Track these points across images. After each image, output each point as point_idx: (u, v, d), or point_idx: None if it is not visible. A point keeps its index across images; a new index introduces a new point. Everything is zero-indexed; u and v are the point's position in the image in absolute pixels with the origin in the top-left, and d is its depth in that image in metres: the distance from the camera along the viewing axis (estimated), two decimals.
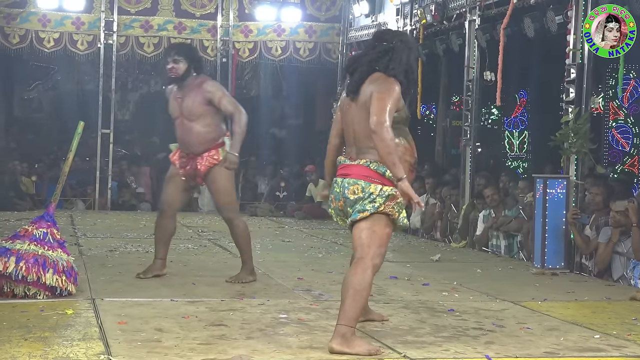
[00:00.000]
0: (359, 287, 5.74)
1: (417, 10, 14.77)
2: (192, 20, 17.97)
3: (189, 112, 8.25)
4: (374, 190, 5.83)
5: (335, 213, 6.16)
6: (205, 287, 8.23)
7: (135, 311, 6.79)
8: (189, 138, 8.28)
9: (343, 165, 6.05)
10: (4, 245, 7.38)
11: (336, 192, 6.04)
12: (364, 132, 5.86)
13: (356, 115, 5.97)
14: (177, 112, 8.34)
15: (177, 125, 8.37)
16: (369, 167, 5.88)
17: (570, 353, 5.92)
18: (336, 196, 6.04)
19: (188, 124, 8.25)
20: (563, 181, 10.21)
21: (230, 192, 8.52)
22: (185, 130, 8.28)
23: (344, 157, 6.11)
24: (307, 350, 5.74)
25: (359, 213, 5.86)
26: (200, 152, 8.27)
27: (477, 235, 12.46)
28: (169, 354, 5.50)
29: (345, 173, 5.99)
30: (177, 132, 8.40)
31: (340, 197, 5.99)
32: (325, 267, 9.89)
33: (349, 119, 6.06)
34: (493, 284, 8.95)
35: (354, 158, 5.98)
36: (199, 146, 8.27)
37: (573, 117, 10.28)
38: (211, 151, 8.30)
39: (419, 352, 5.75)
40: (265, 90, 20.25)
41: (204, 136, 8.29)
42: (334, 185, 6.08)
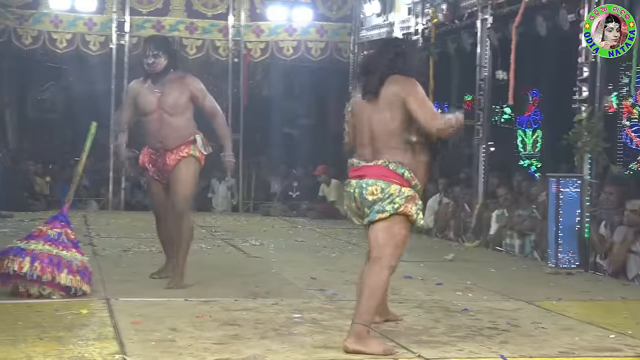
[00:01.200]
0: (375, 286, 5.76)
1: (428, 9, 14.75)
2: (203, 20, 18.00)
3: (170, 106, 8.09)
4: (393, 191, 5.83)
5: (349, 211, 6.17)
6: (219, 287, 8.22)
7: (150, 311, 6.79)
8: (165, 132, 8.10)
9: (357, 167, 6.02)
10: (18, 246, 7.41)
11: (349, 192, 6.04)
12: (385, 131, 5.90)
13: (375, 115, 5.96)
14: (153, 106, 8.12)
15: (152, 120, 8.15)
16: (388, 167, 5.87)
17: (586, 353, 5.89)
18: (349, 197, 6.05)
19: (167, 119, 8.09)
20: (577, 180, 10.18)
21: (190, 185, 8.25)
22: (164, 125, 8.09)
23: (357, 159, 6.07)
24: (321, 350, 5.74)
25: (377, 214, 5.84)
26: (172, 148, 8.10)
27: (490, 235, 12.44)
28: (183, 353, 5.50)
29: (361, 174, 5.96)
30: (151, 126, 8.17)
31: (353, 198, 5.99)
32: (339, 267, 9.89)
33: (365, 120, 6.04)
34: (507, 284, 8.93)
35: (370, 159, 5.95)
36: (173, 141, 8.11)
37: (586, 115, 10.26)
38: (181, 147, 8.12)
39: (433, 352, 5.73)
40: (276, 90, 20.22)
41: (181, 131, 8.14)
42: (347, 186, 6.09)
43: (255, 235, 13.35)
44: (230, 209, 18.36)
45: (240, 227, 14.81)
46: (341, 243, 12.67)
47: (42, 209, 16.19)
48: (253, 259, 10.67)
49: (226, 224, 15.15)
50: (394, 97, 5.91)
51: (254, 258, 10.71)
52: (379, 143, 5.94)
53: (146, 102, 8.16)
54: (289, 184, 18.68)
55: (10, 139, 19.09)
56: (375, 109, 5.97)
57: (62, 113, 20.75)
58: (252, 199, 18.77)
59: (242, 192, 18.65)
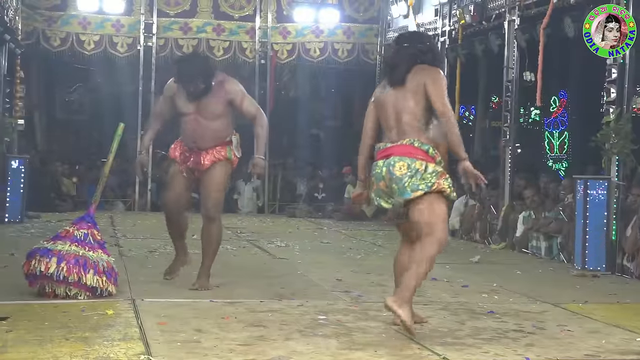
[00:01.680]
0: (427, 257, 6.14)
1: (455, 10, 14.72)
2: (230, 22, 18.05)
3: (208, 111, 7.96)
4: (419, 166, 6.17)
5: (376, 195, 6.41)
6: (245, 288, 8.23)
7: (175, 312, 6.81)
8: (201, 135, 7.97)
9: (384, 149, 6.38)
10: (45, 246, 7.45)
11: (377, 173, 6.35)
12: (410, 113, 6.34)
13: (401, 100, 6.38)
14: (190, 108, 7.98)
15: (188, 121, 8.03)
16: (413, 144, 6.24)
17: (612, 356, 5.85)
18: (377, 177, 6.34)
19: (204, 122, 7.97)
20: (604, 182, 10.13)
21: (222, 189, 8.19)
22: (200, 128, 7.97)
23: (383, 142, 6.44)
24: (346, 352, 5.73)
25: (412, 192, 6.15)
26: (206, 148, 8.01)
27: (516, 237, 12.40)
28: (208, 354, 5.51)
29: (387, 154, 6.31)
30: (186, 127, 8.05)
31: (382, 177, 6.29)
32: (364, 269, 9.88)
33: (390, 106, 6.44)
34: (533, 286, 8.89)
35: (395, 140, 6.33)
36: (208, 142, 8.01)
37: (614, 117, 10.20)
38: (217, 147, 8.03)
39: (459, 354, 5.72)
40: (303, 92, 20.26)
41: (218, 134, 8.02)
42: (374, 168, 6.40)
43: (281, 236, 13.37)
44: (255, 210, 18.41)
45: (266, 229, 14.83)
46: (367, 245, 12.66)
47: (69, 210, 16.30)
48: (278, 260, 10.68)
49: (252, 226, 15.18)
50: (419, 82, 6.35)
51: (279, 259, 10.73)
52: (405, 125, 6.34)
53: (183, 104, 8.03)
54: (314, 186, 18.70)
55: (38, 140, 19.21)
56: (401, 95, 6.39)
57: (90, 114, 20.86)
58: (278, 201, 18.80)
59: (267, 193, 18.69)
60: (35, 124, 19.08)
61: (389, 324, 6.67)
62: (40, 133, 19.38)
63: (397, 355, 5.68)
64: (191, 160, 8.04)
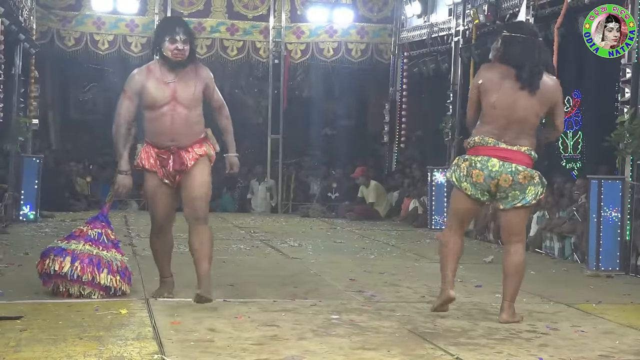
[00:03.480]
0: (523, 265, 6.86)
1: (469, 10, 14.72)
2: (244, 22, 18.08)
3: (187, 99, 7.08)
4: (534, 175, 6.75)
5: (473, 187, 6.77)
6: (258, 288, 8.26)
7: (189, 311, 6.82)
8: (179, 129, 7.08)
9: (498, 147, 6.67)
10: (59, 246, 7.48)
11: (487, 168, 6.67)
12: (531, 120, 6.70)
13: (528, 104, 6.65)
14: (167, 97, 7.05)
15: (164, 113, 7.07)
16: (530, 155, 6.74)
17: (626, 357, 5.84)
18: (487, 174, 6.68)
19: (182, 113, 7.07)
20: (618, 182, 10.10)
21: (210, 186, 7.30)
22: (179, 119, 7.06)
23: (493, 138, 6.67)
24: (359, 352, 5.73)
25: (532, 200, 6.87)
26: (186, 146, 7.14)
27: (530, 237, 12.37)
28: (221, 354, 5.52)
29: (504, 156, 6.65)
30: (161, 122, 7.09)
31: (495, 177, 6.66)
32: (377, 269, 9.88)
33: (511, 104, 6.65)
34: (546, 286, 8.88)
35: (511, 143, 6.66)
36: (188, 138, 7.14)
37: (629, 117, 10.18)
38: (195, 144, 7.18)
39: (472, 355, 5.72)
40: (317, 92, 20.28)
41: (195, 127, 7.19)
42: (483, 161, 6.69)
43: (294, 236, 13.39)
44: (269, 210, 18.43)
45: (279, 228, 14.85)
46: (380, 244, 12.66)
47: (83, 209, 16.36)
48: (292, 260, 10.70)
49: (265, 225, 15.20)
50: (549, 96, 6.73)
51: (292, 259, 10.75)
52: (522, 129, 6.69)
53: (157, 93, 7.07)
54: (328, 185, 18.70)
55: (52, 140, 19.29)
56: (527, 98, 6.65)
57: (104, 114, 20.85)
58: (291, 200, 18.81)
59: (281, 193, 18.71)
60: (49, 124, 19.15)
61: (403, 323, 6.68)
62: (54, 133, 19.46)
63: (410, 355, 5.68)
64: (171, 164, 7.16)
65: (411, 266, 10.25)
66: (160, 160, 7.15)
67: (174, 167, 7.13)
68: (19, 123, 14.27)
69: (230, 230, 14.14)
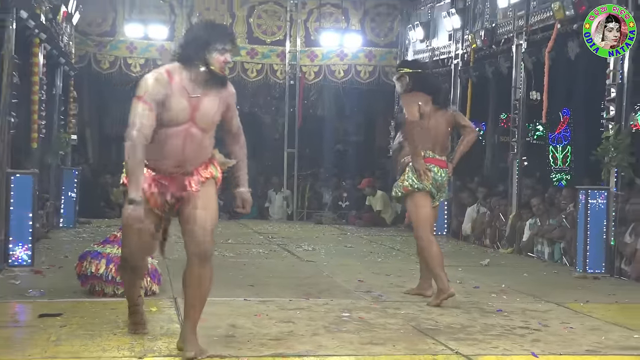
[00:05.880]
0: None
1: (468, 35, 14.70)
2: (263, 46, 18.10)
3: (206, 120, 5.35)
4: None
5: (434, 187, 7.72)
6: (275, 288, 8.26)
7: (213, 309, 6.80)
8: (190, 154, 5.36)
9: (433, 158, 7.69)
10: (95, 250, 7.52)
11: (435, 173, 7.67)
12: (445, 136, 7.84)
13: (442, 123, 7.77)
14: (186, 116, 5.27)
15: (176, 134, 5.29)
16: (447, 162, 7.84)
17: (611, 351, 5.83)
18: (435, 178, 7.67)
19: (198, 135, 5.34)
20: (604, 192, 10.07)
21: (216, 215, 5.53)
22: (191, 143, 5.33)
23: (430, 151, 7.69)
24: (368, 347, 5.74)
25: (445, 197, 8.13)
26: (190, 171, 5.43)
27: (523, 242, 12.35)
28: (242, 348, 5.53)
29: (438, 164, 7.70)
30: (173, 143, 5.30)
31: (439, 180, 7.70)
32: (384, 271, 9.87)
33: (438, 125, 7.73)
34: (538, 287, 8.86)
35: (439, 154, 7.74)
36: (194, 164, 5.43)
37: (613, 133, 10.14)
38: (200, 167, 5.48)
39: (470, 349, 5.72)
40: (329, 110, 20.25)
41: (204, 152, 5.50)
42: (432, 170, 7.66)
43: (308, 241, 13.38)
44: (285, 217, 18.42)
45: (294, 234, 14.85)
46: (386, 249, 12.64)
47: (117, 217, 16.34)
48: (306, 262, 10.70)
49: (282, 231, 15.20)
50: (451, 114, 7.95)
51: (307, 262, 10.74)
52: (443, 144, 7.78)
53: (178, 109, 5.27)
54: (339, 195, 18.68)
55: (90, 154, 19.32)
56: (442, 118, 7.77)
57: None
58: (306, 208, 18.79)
59: (296, 202, 18.70)
60: (86, 139, 19.19)
61: (407, 321, 6.67)
62: (91, 147, 19.48)
63: (414, 349, 5.68)
64: (170, 191, 5.44)
65: (414, 269, 10.17)
66: (158, 186, 5.43)
67: (172, 194, 5.44)
68: (59, 138, 14.33)
69: (250, 235, 14.14)
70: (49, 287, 7.84)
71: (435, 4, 16.53)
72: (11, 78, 9.56)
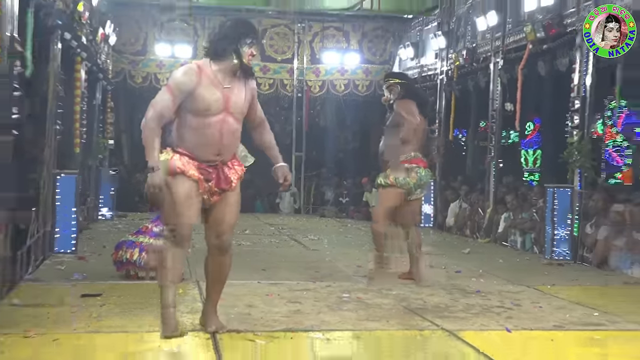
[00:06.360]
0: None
1: (451, 54, 14.72)
2: (274, 63, 18.11)
3: (238, 109, 5.08)
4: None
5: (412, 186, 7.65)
6: (285, 272, 8.27)
7: (231, 290, 6.79)
8: (228, 141, 5.06)
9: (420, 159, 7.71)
10: (130, 239, 7.54)
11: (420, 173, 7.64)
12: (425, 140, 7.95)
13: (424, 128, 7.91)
14: (220, 106, 4.99)
15: (215, 123, 4.98)
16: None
17: (575, 327, 5.84)
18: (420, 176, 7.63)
19: (233, 124, 5.06)
20: (568, 190, 10.08)
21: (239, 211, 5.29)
22: (228, 131, 5.04)
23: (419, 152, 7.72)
24: (364, 323, 5.75)
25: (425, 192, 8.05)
26: (227, 161, 5.14)
27: (499, 233, 12.35)
28: (257, 324, 5.54)
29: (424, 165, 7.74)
30: (212, 132, 4.99)
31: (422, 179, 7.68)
32: None
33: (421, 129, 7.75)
34: (512, 272, 8.86)
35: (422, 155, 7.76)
36: (231, 153, 5.16)
37: (577, 139, 10.16)
38: (234, 160, 5.21)
39: (453, 325, 5.72)
40: (331, 119, 20.26)
41: (238, 142, 5.29)
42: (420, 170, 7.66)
43: (313, 232, 13.39)
44: (293, 211, 18.43)
45: (301, 226, 14.86)
46: None
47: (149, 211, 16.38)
48: (311, 250, 10.71)
49: (290, 223, 15.20)
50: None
51: (312, 250, 10.75)
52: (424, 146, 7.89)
53: (212, 99, 4.99)
54: (340, 192, 18.69)
55: (125, 157, 19.35)
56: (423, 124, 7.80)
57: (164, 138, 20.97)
58: (311, 204, 18.82)
59: (303, 198, 18.72)
60: (122, 144, 19.21)
61: (398, 301, 6.68)
62: (126, 151, 19.50)
63: (404, 325, 5.69)
64: (215, 180, 5.06)
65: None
66: (205, 173, 5.04)
67: (219, 185, 5.08)
68: (99, 143, 14.37)
69: (263, 227, 14.15)
70: (89, 271, 7.86)
71: (424, 27, 16.55)
72: (57, 91, 9.59)
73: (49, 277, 7.52)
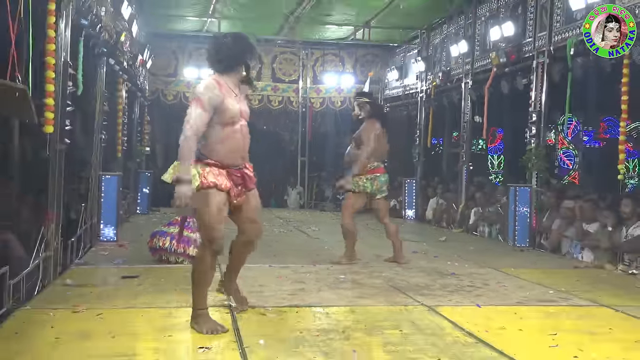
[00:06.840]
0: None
1: (430, 76, 14.67)
2: (283, 83, 18.05)
3: (247, 113, 4.83)
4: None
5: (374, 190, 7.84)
6: (292, 257, 8.23)
7: (247, 273, 6.73)
8: (247, 144, 4.80)
9: (382, 168, 7.93)
10: (162, 229, 7.51)
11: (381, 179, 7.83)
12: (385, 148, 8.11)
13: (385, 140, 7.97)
14: (238, 113, 4.68)
15: (238, 130, 4.69)
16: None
17: (534, 303, 5.80)
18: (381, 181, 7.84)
19: (246, 127, 4.81)
20: (527, 188, 10.03)
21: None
22: (246, 135, 4.78)
23: (381, 162, 7.91)
24: (358, 299, 5.71)
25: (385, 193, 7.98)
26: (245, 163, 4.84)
27: (470, 224, 12.30)
28: (268, 300, 5.52)
29: (384, 172, 7.93)
30: (237, 138, 4.68)
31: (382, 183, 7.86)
32: (370, 246, 9.82)
33: (382, 142, 7.85)
34: (481, 257, 8.80)
35: (382, 163, 7.88)
36: (247, 155, 4.86)
37: (534, 146, 10.12)
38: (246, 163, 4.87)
39: (432, 301, 5.68)
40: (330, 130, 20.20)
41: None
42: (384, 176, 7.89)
43: (315, 224, 13.34)
44: (298, 206, 18.37)
45: (305, 219, 14.81)
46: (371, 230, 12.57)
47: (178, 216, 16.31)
48: (314, 239, 10.67)
49: (296, 217, 15.15)
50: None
51: (314, 239, 10.71)
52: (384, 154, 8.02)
53: (235, 109, 4.66)
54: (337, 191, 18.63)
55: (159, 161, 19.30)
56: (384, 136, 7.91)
57: None
58: (313, 200, 18.77)
59: (306, 195, 18.68)
60: (157, 152, 19.14)
61: (386, 281, 6.63)
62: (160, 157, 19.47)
63: (391, 301, 5.65)
64: (243, 182, 4.75)
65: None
66: (233, 179, 4.69)
67: (247, 185, 4.78)
68: (137, 150, 14.34)
69: (273, 220, 14.11)
70: (128, 257, 7.83)
71: (407, 54, 16.51)
72: (102, 106, 9.57)
73: (95, 261, 7.49)
